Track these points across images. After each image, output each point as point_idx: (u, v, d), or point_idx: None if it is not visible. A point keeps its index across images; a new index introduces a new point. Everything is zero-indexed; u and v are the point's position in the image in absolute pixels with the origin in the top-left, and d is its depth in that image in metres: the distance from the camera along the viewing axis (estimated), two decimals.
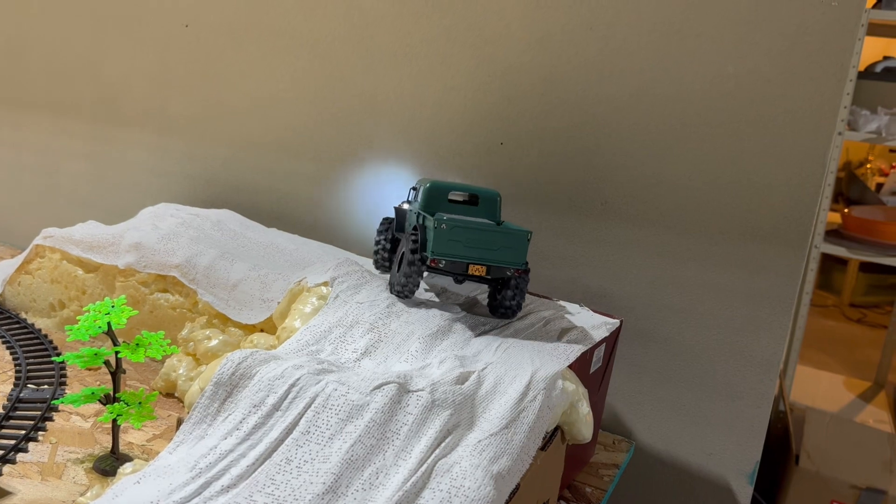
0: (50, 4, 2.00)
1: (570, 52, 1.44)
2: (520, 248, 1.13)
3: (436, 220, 1.10)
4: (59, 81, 2.04)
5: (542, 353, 1.12)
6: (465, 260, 1.11)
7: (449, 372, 0.98)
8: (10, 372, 1.42)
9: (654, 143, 1.40)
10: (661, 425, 1.49)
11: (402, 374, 0.95)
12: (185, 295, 1.47)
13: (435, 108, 1.59)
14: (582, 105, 1.45)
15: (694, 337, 1.43)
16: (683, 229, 1.40)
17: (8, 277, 1.69)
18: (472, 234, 1.11)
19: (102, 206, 2.04)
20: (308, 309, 1.20)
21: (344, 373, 0.96)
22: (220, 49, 1.79)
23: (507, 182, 1.54)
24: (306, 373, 0.94)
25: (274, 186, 1.82)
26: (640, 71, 1.39)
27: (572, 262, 1.51)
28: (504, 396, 0.99)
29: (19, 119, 2.14)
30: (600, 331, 1.25)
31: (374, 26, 1.61)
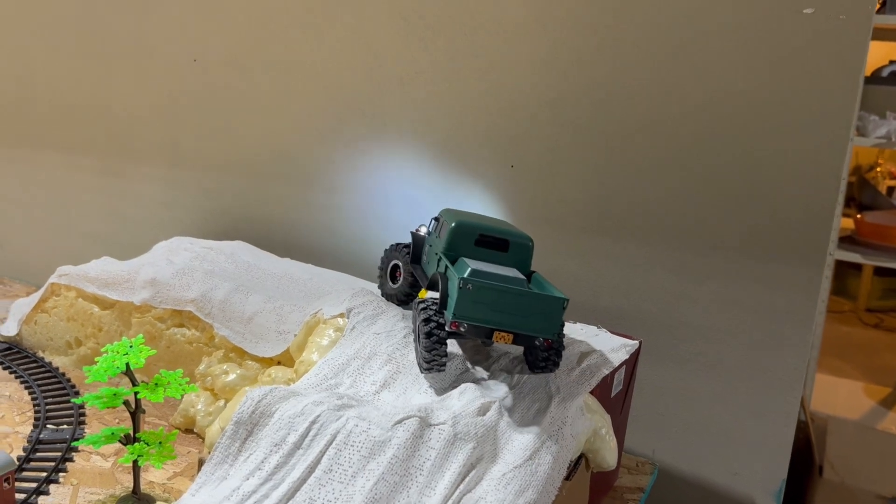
0: (58, 43, 2.02)
1: (577, 72, 1.44)
2: (554, 316, 1.00)
3: (461, 279, 0.96)
4: (69, 118, 2.06)
5: (562, 379, 1.11)
6: (489, 325, 0.98)
7: (470, 403, 0.97)
8: (29, 412, 1.42)
9: (665, 159, 1.40)
10: (685, 446, 1.47)
11: (423, 406, 0.94)
12: (201, 329, 1.47)
13: (444, 134, 1.59)
14: (591, 125, 1.45)
15: (714, 355, 1.41)
16: (699, 246, 1.39)
17: (25, 316, 1.70)
18: (500, 296, 0.97)
19: (116, 241, 2.05)
20: (325, 341, 1.19)
21: (364, 407, 0.95)
22: (228, 82, 1.81)
23: (518, 204, 1.54)
24: (326, 409, 0.93)
25: (286, 216, 1.82)
26: (649, 88, 1.39)
27: (587, 282, 1.51)
28: (527, 427, 0.98)
29: (31, 156, 2.16)
30: (620, 353, 1.24)
31: (381, 54, 1.62)
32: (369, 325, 1.19)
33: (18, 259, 2.28)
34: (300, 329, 1.29)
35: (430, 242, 1.19)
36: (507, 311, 0.98)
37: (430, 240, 1.19)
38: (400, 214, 1.69)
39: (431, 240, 1.18)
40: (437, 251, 1.12)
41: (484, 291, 0.97)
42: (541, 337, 1.02)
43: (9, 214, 2.27)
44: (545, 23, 1.46)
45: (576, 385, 1.09)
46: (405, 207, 1.68)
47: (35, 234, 2.23)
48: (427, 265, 1.20)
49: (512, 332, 1.00)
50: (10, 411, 1.42)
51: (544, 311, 1.00)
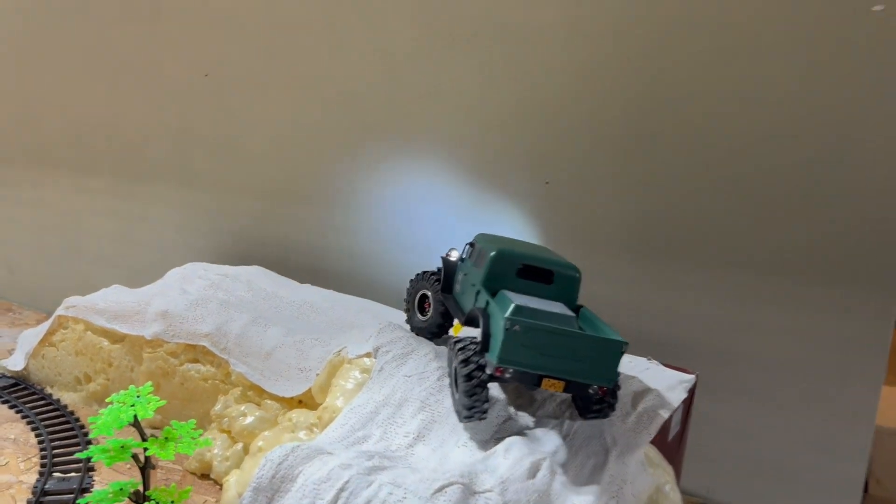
0: (65, 62, 1.94)
1: (618, 83, 1.33)
2: (611, 362, 0.89)
3: (507, 320, 0.85)
4: (78, 138, 1.98)
5: (618, 427, 0.99)
6: (538, 371, 0.87)
7: (518, 462, 0.86)
8: (35, 458, 1.33)
9: (718, 180, 1.28)
10: (741, 484, 1.35)
11: (466, 470, 0.83)
12: (216, 365, 1.37)
13: (473, 149, 1.48)
14: (635, 140, 1.34)
15: (775, 387, 1.29)
16: (758, 270, 1.27)
17: (32, 350, 1.61)
18: (552, 338, 0.86)
19: (127, 265, 1.96)
20: (350, 384, 1.09)
21: (397, 470, 0.84)
22: (243, 98, 1.71)
23: (554, 223, 1.43)
24: (355, 473, 0.82)
25: (304, 239, 1.72)
26: (699, 100, 1.28)
27: (628, 308, 1.39)
28: (583, 487, 0.87)
29: (39, 178, 2.07)
30: (678, 392, 1.12)
31: (405, 67, 1.52)
32: (399, 366, 1.08)
33: (29, 284, 2.20)
34: (323, 368, 1.18)
35: (465, 270, 1.09)
36: (559, 355, 0.87)
37: (465, 267, 1.10)
38: (425, 237, 1.58)
39: (466, 267, 1.09)
40: (473, 282, 1.02)
41: (533, 333, 0.86)
42: (595, 385, 0.89)
43: (19, 238, 2.18)
44: (584, 31, 1.35)
45: (633, 434, 0.98)
46: (431, 229, 1.57)
47: (46, 259, 2.15)
48: (461, 295, 1.09)
49: (563, 380, 0.88)
50: (15, 457, 1.33)
51: (600, 356, 0.88)
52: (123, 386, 1.47)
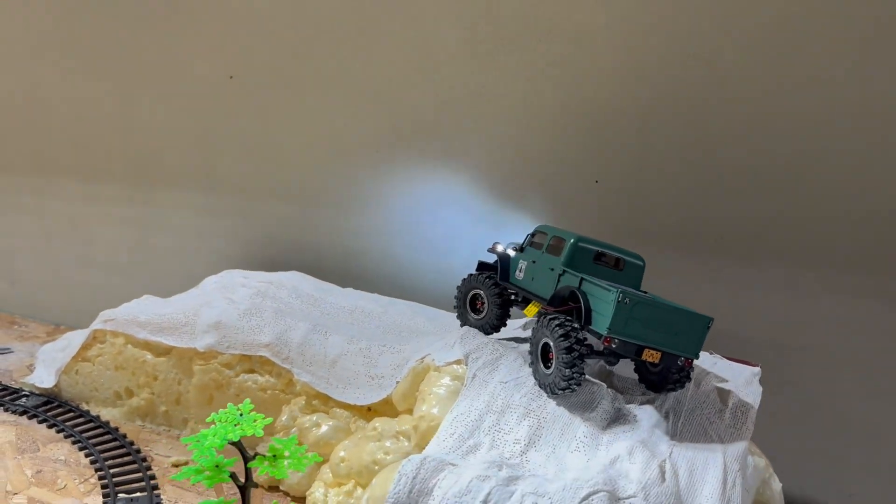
0: (73, 60, 1.86)
1: (669, 81, 1.35)
2: (699, 335, 1.01)
3: (620, 293, 0.95)
4: (87, 142, 1.90)
5: (718, 423, 1.02)
6: (641, 342, 0.97)
7: (647, 466, 0.88)
8: (93, 479, 1.29)
9: (772, 175, 1.31)
10: (796, 470, 1.39)
11: (608, 476, 0.84)
12: (276, 375, 1.35)
13: (518, 150, 1.49)
14: (685, 136, 1.36)
15: (828, 379, 1.34)
16: (811, 263, 1.31)
17: (63, 366, 1.55)
18: (654, 312, 0.98)
19: (146, 276, 1.91)
20: (442, 391, 1.08)
21: (534, 479, 0.85)
22: (270, 100, 1.67)
23: (605, 221, 1.45)
24: (496, 485, 0.83)
25: (339, 242, 1.70)
26: (752, 99, 1.30)
27: (684, 304, 1.41)
28: (706, 486, 0.89)
29: (45, 185, 1.99)
30: (754, 385, 1.16)
31: (444, 67, 1.51)
32: (491, 373, 1.08)
33: (33, 296, 2.11)
34: (404, 376, 1.17)
35: (533, 258, 1.17)
36: (657, 328, 0.99)
37: (530, 255, 1.18)
38: (466, 238, 1.58)
39: (534, 255, 1.17)
40: (552, 266, 1.11)
41: (640, 307, 0.97)
42: (682, 356, 1.01)
43: (22, 249, 2.09)
44: (631, 28, 1.36)
45: (733, 430, 1.01)
46: (471, 231, 1.57)
47: (51, 269, 2.07)
48: (531, 281, 1.17)
49: (660, 350, 0.99)
50: (71, 479, 1.28)
51: (690, 330, 1.01)
52: (170, 400, 1.45)
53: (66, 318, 2.05)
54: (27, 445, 1.39)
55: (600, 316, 0.98)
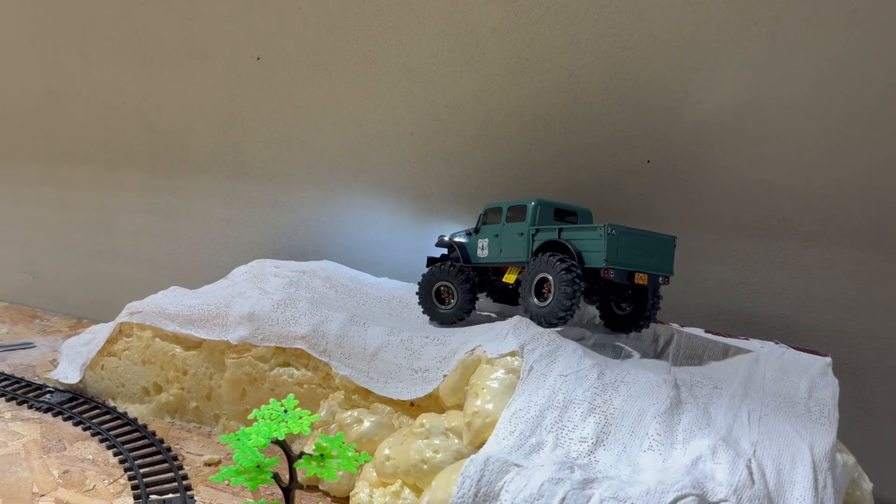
0: (94, 47, 1.80)
1: (728, 51, 1.26)
2: (669, 254, 1.13)
3: (607, 226, 1.06)
4: (110, 130, 1.84)
5: (799, 417, 0.94)
6: (631, 268, 1.08)
7: (733, 467, 0.80)
8: (122, 479, 1.22)
9: (841, 142, 1.22)
10: (873, 467, 1.31)
11: (694, 479, 0.76)
12: (312, 368, 1.28)
13: (562, 129, 1.40)
14: (746, 110, 1.27)
15: None
16: (886, 243, 1.22)
17: (89, 361, 1.49)
18: (634, 239, 1.08)
19: (172, 266, 1.84)
20: (496, 385, 1.00)
21: (611, 481, 0.77)
22: (298, 81, 1.60)
23: (658, 202, 1.37)
24: (570, 488, 0.75)
25: (371, 229, 1.62)
26: (818, 67, 1.21)
27: (744, 290, 1.33)
28: (795, 488, 0.81)
29: (67, 175, 1.93)
30: (829, 376, 1.08)
31: (485, 42, 1.43)
32: (549, 365, 1.00)
33: (54, 289, 2.06)
34: (453, 369, 1.10)
35: (494, 232, 1.25)
36: (639, 253, 1.09)
37: (489, 232, 1.26)
38: None
39: (493, 230, 1.26)
40: (521, 231, 1.20)
41: (624, 236, 1.07)
42: (662, 276, 1.12)
43: (43, 240, 2.04)
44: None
45: (817, 426, 0.92)
46: None
47: (73, 261, 2.01)
48: (497, 254, 1.25)
49: (646, 273, 1.10)
50: (100, 479, 1.22)
51: (663, 251, 1.13)
52: (200, 395, 1.38)
53: (90, 311, 1.99)
54: (53, 444, 1.33)
55: (592, 253, 1.08)
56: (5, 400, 1.49)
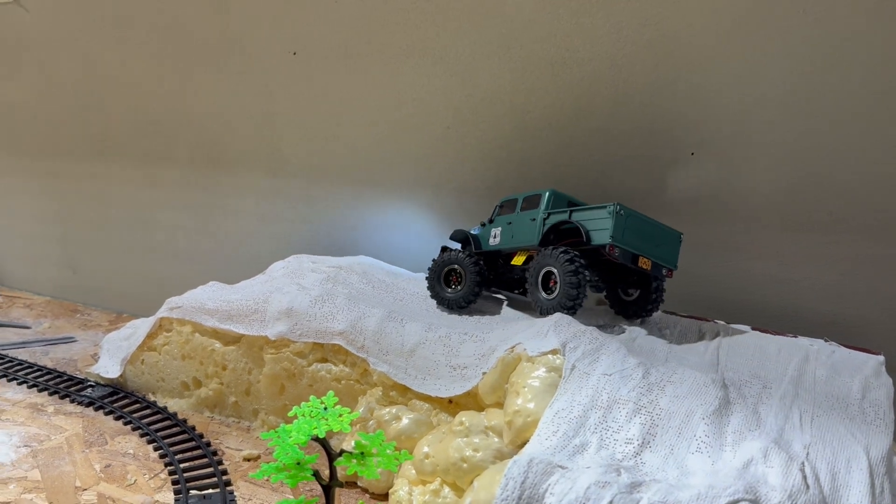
0: (131, 43, 1.81)
1: (775, 38, 1.22)
2: (675, 248, 1.17)
3: (616, 205, 1.09)
4: (147, 126, 1.85)
5: (853, 418, 0.90)
6: (636, 251, 1.12)
7: (786, 470, 0.77)
8: (163, 474, 1.23)
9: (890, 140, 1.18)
10: None
11: (746, 483, 0.73)
12: (350, 364, 1.27)
13: (604, 120, 1.38)
14: (794, 100, 1.23)
15: None
16: None
17: (129, 356, 1.50)
18: (641, 224, 1.12)
19: (209, 262, 1.85)
20: (538, 384, 0.99)
21: (660, 485, 0.75)
22: (335, 76, 1.59)
23: (700, 195, 1.33)
24: (617, 492, 0.73)
25: (407, 225, 1.61)
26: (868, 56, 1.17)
27: (787, 286, 1.30)
28: (851, 492, 0.78)
29: (105, 171, 1.95)
30: (882, 375, 1.04)
31: (523, 33, 1.40)
32: (592, 364, 0.98)
33: (95, 284, 2.08)
34: (493, 366, 1.08)
35: (508, 221, 1.30)
36: (645, 239, 1.13)
37: (502, 221, 1.31)
38: None
39: (507, 219, 1.30)
40: (533, 217, 1.24)
41: (631, 218, 1.11)
42: (665, 268, 1.16)
43: (83, 236, 2.07)
44: None
45: (872, 428, 0.89)
46: None
47: (112, 256, 2.03)
48: (509, 240, 1.29)
49: (650, 259, 1.13)
50: (141, 474, 1.23)
51: (669, 242, 1.16)
52: (239, 390, 1.38)
53: (129, 305, 2.02)
54: (95, 438, 1.34)
55: (599, 232, 1.11)
56: (48, 394, 1.51)
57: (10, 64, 2.02)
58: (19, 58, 1.99)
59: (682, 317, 1.28)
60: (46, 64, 1.96)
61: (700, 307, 1.33)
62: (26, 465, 1.23)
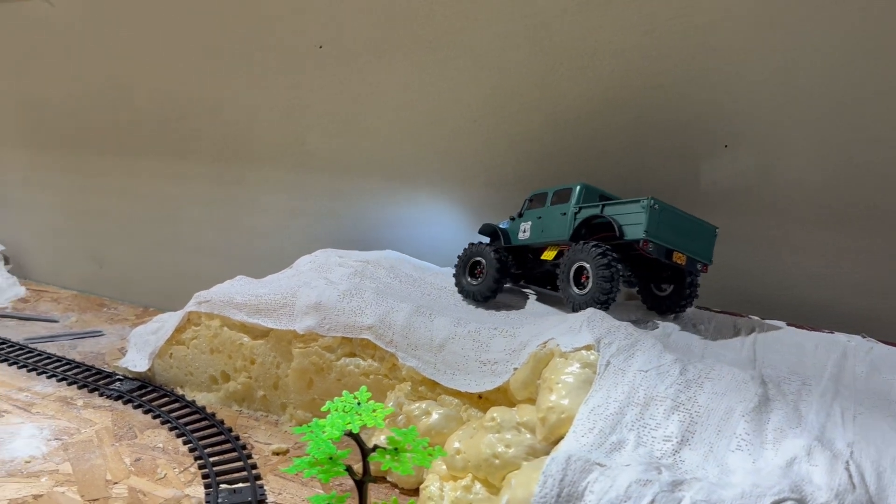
0: (156, 39, 1.81)
1: (812, 26, 1.19)
2: (710, 242, 1.15)
3: (650, 199, 1.07)
4: (175, 121, 1.85)
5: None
6: (670, 246, 1.10)
7: (831, 469, 0.75)
8: (193, 468, 1.23)
9: None
10: None
11: (792, 482, 0.72)
12: (378, 359, 1.26)
13: (637, 112, 1.36)
14: (832, 90, 1.21)
15: None
16: None
17: (157, 350, 1.51)
18: (677, 218, 1.10)
19: (233, 255, 1.85)
20: (571, 380, 0.97)
21: (702, 483, 0.74)
22: (361, 69, 1.58)
23: (734, 187, 1.31)
24: (659, 490, 0.72)
25: (434, 219, 1.60)
26: None
27: (827, 281, 1.27)
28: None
29: (132, 166, 1.96)
30: None
31: (552, 25, 1.38)
32: (628, 360, 0.97)
33: (121, 278, 2.10)
34: (525, 362, 1.07)
35: (538, 215, 1.28)
36: (680, 234, 1.11)
37: (532, 215, 1.29)
38: None
39: (537, 213, 1.28)
40: (564, 211, 1.22)
41: (666, 213, 1.09)
42: (700, 263, 1.15)
43: (109, 230, 2.08)
44: None
45: None
46: None
47: (138, 251, 2.04)
48: (539, 234, 1.28)
49: (685, 254, 1.11)
50: (170, 467, 1.23)
51: (704, 237, 1.14)
52: (268, 384, 1.38)
53: (155, 299, 2.02)
54: (124, 432, 1.34)
55: (633, 226, 1.09)
56: (77, 387, 1.52)
57: (38, 59, 2.03)
58: (47, 53, 2.00)
59: (715, 312, 1.26)
60: (74, 59, 1.97)
61: (733, 302, 1.31)
62: (57, 458, 1.24)
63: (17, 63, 2.06)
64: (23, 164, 2.18)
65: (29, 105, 2.09)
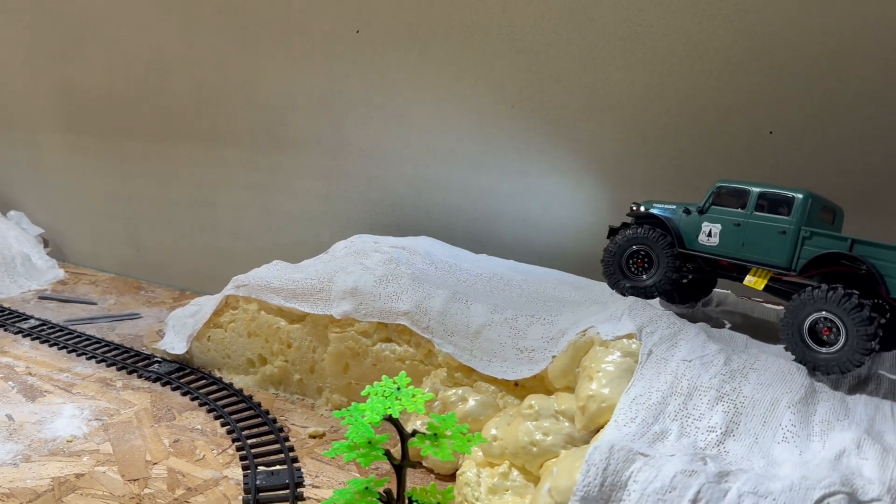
0: (194, 24, 1.82)
1: (870, 7, 1.16)
2: None
3: None
4: (211, 106, 1.86)
5: None
6: None
7: (882, 462, 0.73)
8: (230, 450, 1.24)
9: None
10: None
11: (842, 476, 0.70)
12: (414, 345, 1.26)
13: (678, 98, 1.33)
14: (886, 74, 1.17)
15: None
16: None
17: (196, 332, 1.52)
18: None
19: (271, 241, 1.86)
20: (612, 369, 0.96)
21: (750, 475, 0.72)
22: (397, 54, 1.57)
23: (780, 177, 1.27)
24: (705, 481, 0.70)
25: (470, 206, 1.59)
26: None
27: None
28: None
29: (169, 150, 1.97)
30: None
31: (593, 6, 1.36)
32: (670, 349, 0.95)
33: (158, 261, 2.12)
34: (564, 350, 1.06)
35: (734, 220, 1.03)
36: None
37: (724, 216, 1.04)
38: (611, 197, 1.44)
39: (732, 216, 1.03)
40: (781, 229, 0.98)
41: None
42: None
43: (146, 214, 2.10)
44: None
45: None
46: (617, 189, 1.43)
47: (175, 235, 2.06)
48: (738, 247, 1.03)
49: None
50: (209, 449, 1.24)
51: None
52: (304, 368, 1.39)
53: (191, 283, 2.05)
54: (163, 413, 1.36)
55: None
56: (116, 369, 1.54)
57: (75, 44, 2.05)
58: (85, 38, 2.03)
59: (757, 301, 1.24)
60: (111, 45, 1.98)
61: None
62: (98, 438, 1.26)
63: (60, 50, 2.08)
64: (63, 149, 2.21)
65: (70, 91, 2.11)
